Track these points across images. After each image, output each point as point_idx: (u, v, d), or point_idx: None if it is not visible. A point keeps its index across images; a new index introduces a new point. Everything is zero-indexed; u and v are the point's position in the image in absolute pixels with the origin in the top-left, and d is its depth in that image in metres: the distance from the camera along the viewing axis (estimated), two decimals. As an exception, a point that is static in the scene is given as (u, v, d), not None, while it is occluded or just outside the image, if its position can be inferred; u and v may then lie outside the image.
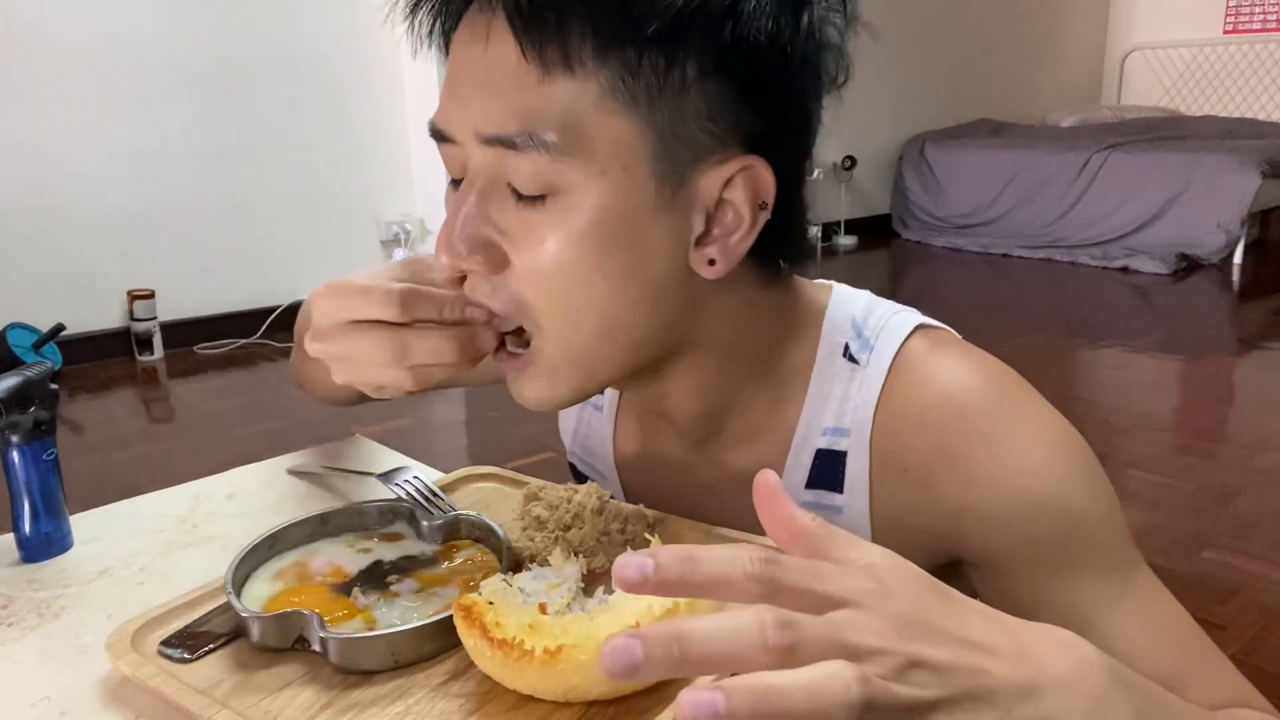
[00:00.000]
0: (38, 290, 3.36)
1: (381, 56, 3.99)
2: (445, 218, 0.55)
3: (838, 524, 0.52)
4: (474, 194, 0.53)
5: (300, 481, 0.81)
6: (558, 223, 0.52)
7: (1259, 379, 3.29)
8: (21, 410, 0.65)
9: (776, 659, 0.31)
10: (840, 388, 0.61)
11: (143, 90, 3.47)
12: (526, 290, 0.54)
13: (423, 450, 2.68)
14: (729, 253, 0.55)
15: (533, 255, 0.53)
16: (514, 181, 0.52)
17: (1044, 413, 0.58)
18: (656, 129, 0.51)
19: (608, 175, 0.51)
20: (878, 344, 0.61)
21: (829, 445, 0.62)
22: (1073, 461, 0.57)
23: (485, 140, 0.52)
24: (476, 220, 0.53)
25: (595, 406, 0.77)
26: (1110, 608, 0.55)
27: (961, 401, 0.58)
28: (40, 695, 0.53)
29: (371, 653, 0.52)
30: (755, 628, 0.31)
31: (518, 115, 0.50)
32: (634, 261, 0.53)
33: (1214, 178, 4.70)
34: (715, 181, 0.53)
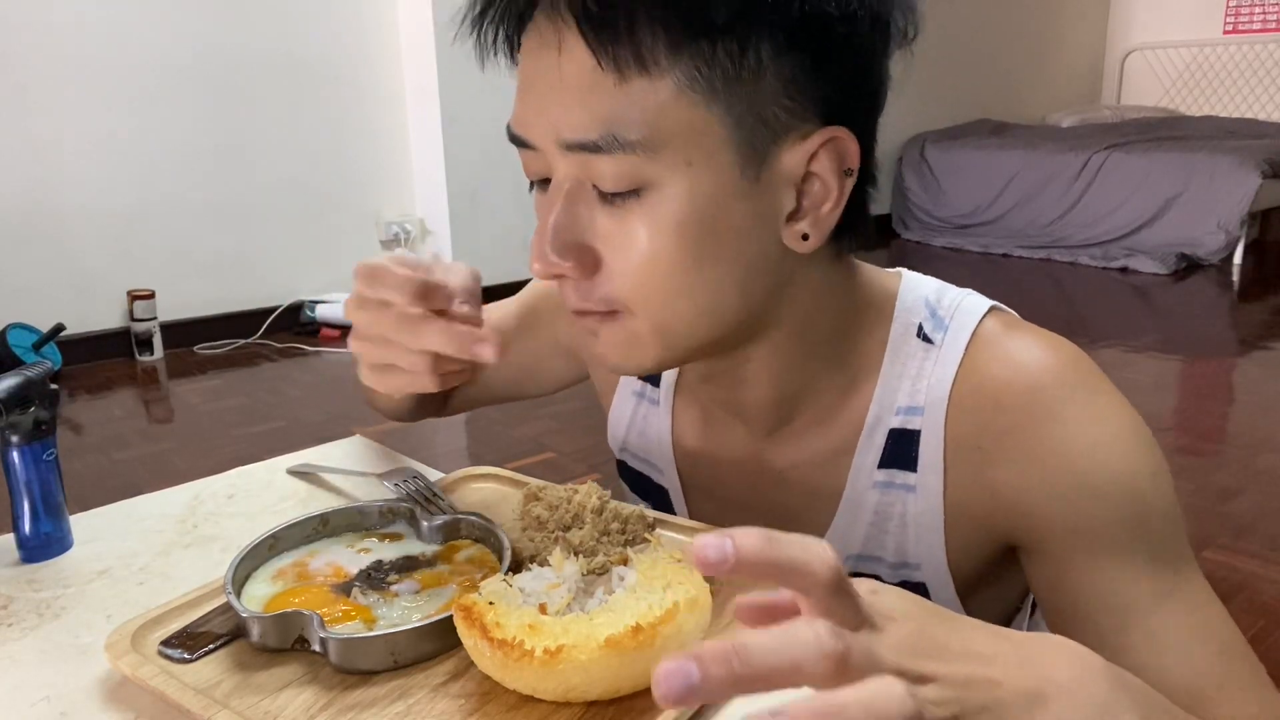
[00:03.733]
0: (38, 290, 3.35)
1: (381, 56, 3.99)
2: (539, 224, 0.56)
3: (910, 503, 0.59)
4: (561, 199, 0.54)
5: (300, 481, 0.81)
6: (649, 217, 0.53)
7: (1259, 379, 3.29)
8: (21, 410, 0.65)
9: (833, 665, 0.31)
10: (914, 367, 0.61)
11: (143, 90, 3.47)
12: (621, 288, 0.55)
13: (423, 450, 2.68)
14: (821, 224, 0.56)
15: (627, 252, 0.54)
16: (600, 183, 0.53)
17: (1117, 400, 0.58)
18: (735, 114, 0.52)
19: (693, 165, 0.52)
20: (952, 324, 0.61)
21: (903, 424, 0.61)
22: (1142, 451, 0.57)
23: (568, 147, 0.53)
24: (567, 225, 0.54)
25: (651, 401, 0.76)
26: (1155, 603, 0.54)
27: (1039, 381, 0.57)
28: (40, 695, 0.53)
29: (371, 653, 0.52)
30: (813, 635, 0.31)
31: (598, 121, 0.51)
32: (725, 246, 0.54)
33: (1214, 178, 4.69)
34: (800, 156, 0.54)
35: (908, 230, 5.68)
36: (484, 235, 4.13)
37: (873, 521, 0.62)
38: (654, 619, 0.47)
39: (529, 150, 0.56)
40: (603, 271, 0.55)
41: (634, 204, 0.53)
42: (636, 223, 0.53)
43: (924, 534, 0.60)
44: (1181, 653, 0.54)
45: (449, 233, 4.05)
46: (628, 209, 0.53)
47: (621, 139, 0.51)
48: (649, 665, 0.47)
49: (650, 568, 0.52)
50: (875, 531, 0.62)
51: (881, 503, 0.62)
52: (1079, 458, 0.56)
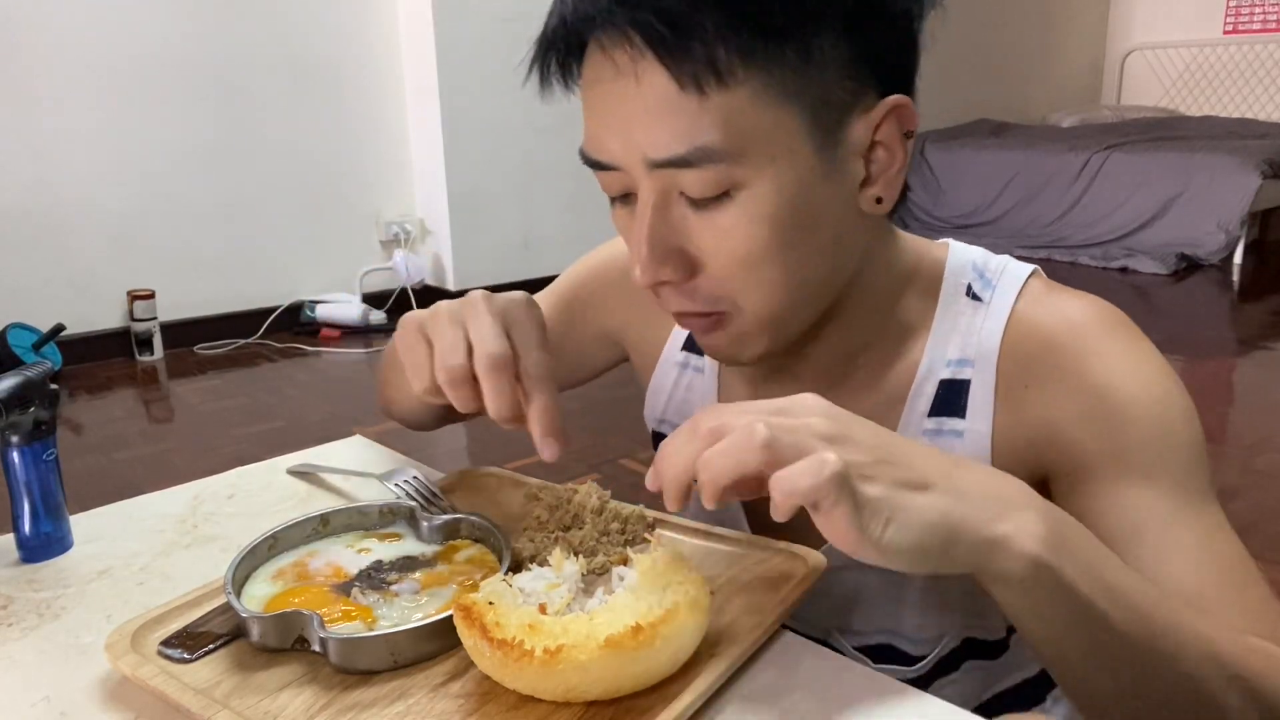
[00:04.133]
0: (38, 290, 3.35)
1: (381, 56, 3.99)
2: (634, 237, 0.59)
3: (957, 448, 0.64)
4: (650, 212, 0.57)
5: (300, 481, 0.81)
6: (741, 216, 0.56)
7: (1259, 379, 3.29)
8: (21, 410, 0.65)
9: (770, 454, 0.45)
10: (964, 322, 0.65)
11: (143, 90, 3.47)
12: (722, 287, 0.59)
13: (423, 450, 2.68)
14: (891, 185, 0.60)
15: (724, 252, 0.57)
16: (689, 191, 0.56)
17: (1152, 348, 0.63)
18: (807, 104, 0.55)
19: (776, 160, 0.55)
20: (999, 283, 0.66)
21: (953, 375, 0.65)
22: (1174, 390, 0.61)
23: (656, 165, 0.55)
24: (662, 234, 0.57)
25: (696, 369, 0.78)
26: (1170, 523, 0.57)
27: (1083, 326, 0.62)
28: (40, 695, 0.53)
29: (371, 653, 0.52)
30: (746, 432, 0.45)
31: (685, 137, 0.54)
32: (813, 228, 0.58)
33: (1214, 178, 4.69)
34: (866, 128, 0.58)
35: (908, 230, 5.66)
36: (484, 235, 4.13)
37: None
38: (654, 619, 0.47)
39: (608, 171, 0.59)
40: (702, 274, 0.59)
41: (725, 205, 0.56)
42: (729, 223, 0.56)
43: None
44: (1187, 566, 0.55)
45: (449, 233, 4.04)
46: (720, 211, 0.56)
47: (709, 151, 0.54)
48: (649, 665, 0.47)
49: (650, 568, 0.52)
50: None
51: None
52: (1116, 388, 0.60)
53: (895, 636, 0.70)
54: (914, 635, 0.69)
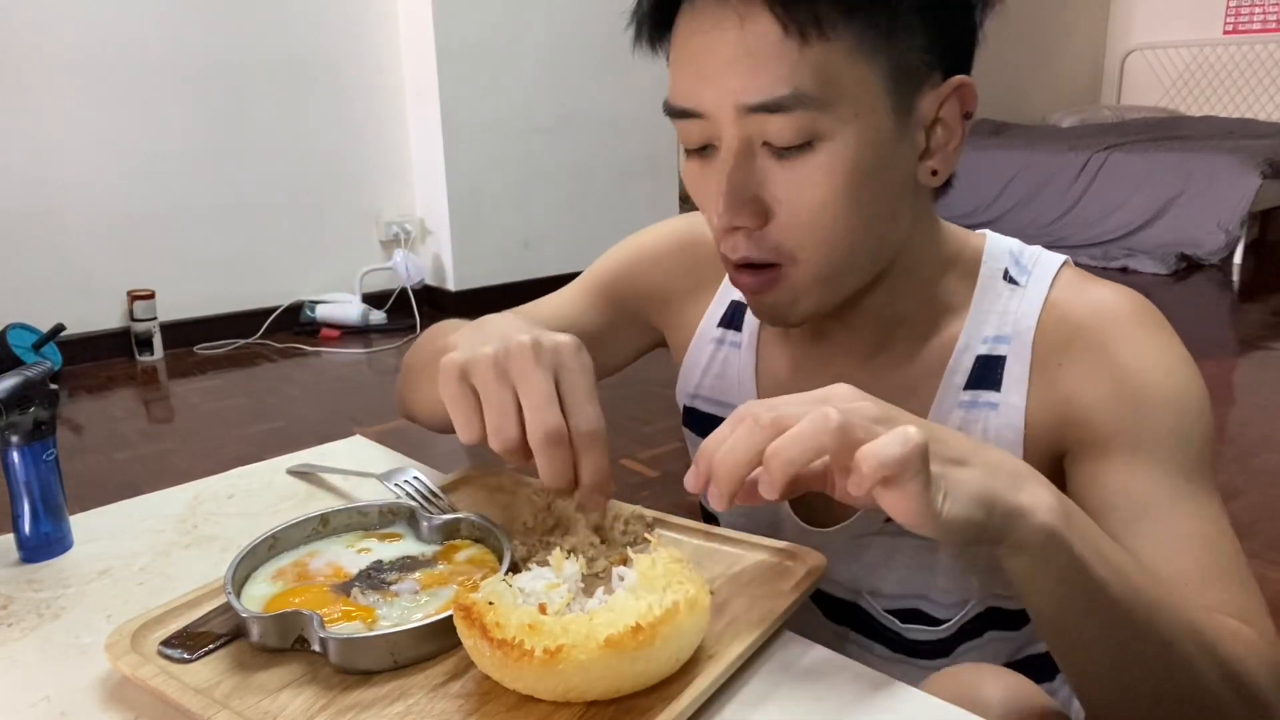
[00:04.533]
0: (38, 290, 3.35)
1: (381, 56, 3.98)
2: (712, 185, 0.63)
3: (992, 419, 0.67)
4: (733, 158, 0.61)
5: (300, 481, 0.81)
6: (822, 166, 0.60)
7: (1259, 379, 3.29)
8: (21, 410, 0.65)
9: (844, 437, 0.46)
10: (1001, 304, 0.69)
11: (142, 90, 3.47)
12: (790, 234, 0.62)
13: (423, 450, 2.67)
14: (948, 160, 0.65)
15: (798, 201, 0.61)
16: (774, 139, 0.60)
17: (1178, 341, 0.67)
18: (890, 67, 0.59)
19: (860, 117, 0.59)
20: (1035, 270, 0.70)
21: (989, 350, 0.68)
22: (1194, 383, 0.64)
23: (750, 109, 0.59)
24: (743, 181, 0.61)
25: (733, 345, 0.81)
26: (1171, 505, 0.60)
27: (1116, 313, 0.66)
28: (40, 695, 0.53)
29: (371, 653, 0.52)
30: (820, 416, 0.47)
31: (784, 81, 0.58)
32: (882, 186, 0.62)
33: (1214, 178, 4.69)
34: (933, 103, 0.63)
35: (908, 230, 5.67)
36: (484, 235, 4.13)
37: None
38: (654, 619, 0.47)
39: (693, 120, 0.62)
40: (773, 222, 0.62)
41: (807, 156, 0.60)
42: (809, 172, 0.60)
43: (1004, 447, 0.65)
44: (1180, 549, 0.58)
45: (449, 233, 4.04)
46: (800, 161, 0.60)
47: (804, 97, 0.58)
48: (649, 665, 0.47)
49: (650, 568, 0.52)
50: None
51: (965, 420, 0.68)
52: (1142, 373, 0.63)
53: (924, 600, 0.72)
54: (942, 599, 0.72)
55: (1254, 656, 0.53)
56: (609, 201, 4.42)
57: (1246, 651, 0.53)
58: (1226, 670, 0.52)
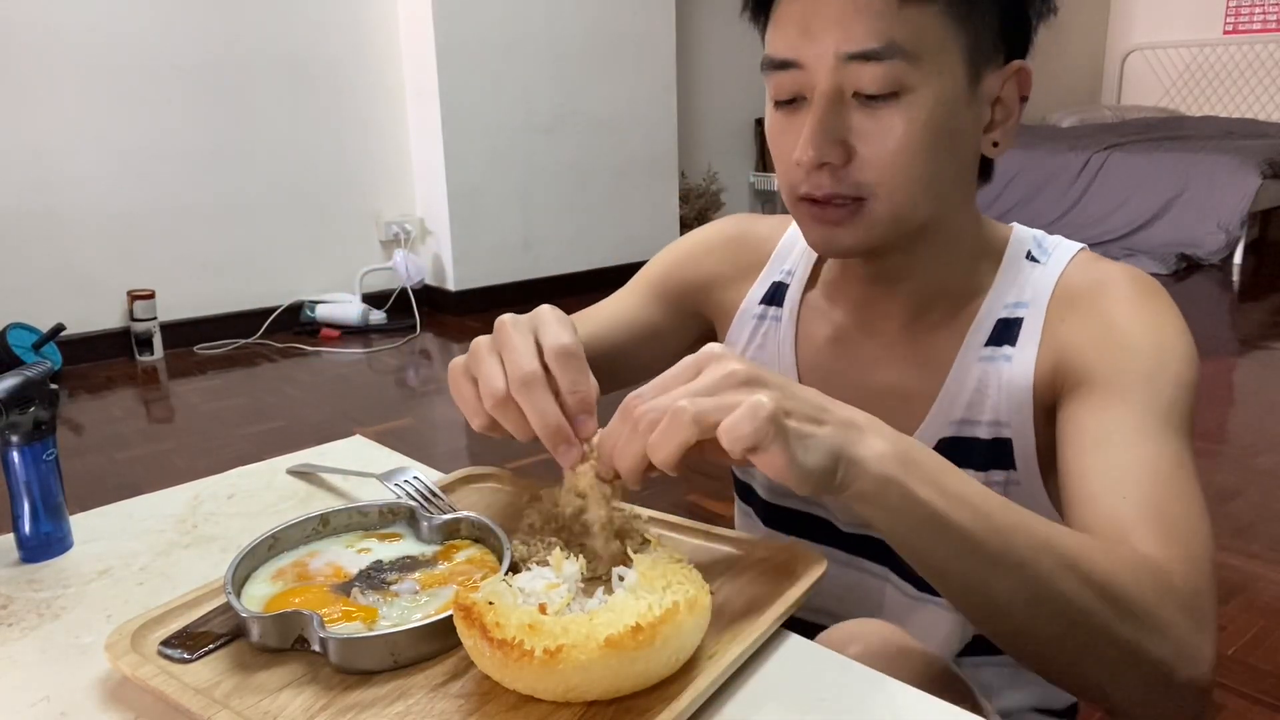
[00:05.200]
0: (38, 290, 3.35)
1: (381, 56, 3.99)
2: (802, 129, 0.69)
3: (1004, 371, 0.74)
4: (825, 103, 0.68)
5: (300, 481, 0.81)
6: (906, 114, 0.67)
7: (1259, 379, 3.29)
8: (21, 410, 0.65)
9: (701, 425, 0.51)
10: (1023, 277, 0.76)
11: (143, 90, 3.47)
12: (870, 174, 0.68)
13: (423, 450, 2.68)
14: (1007, 134, 0.73)
15: (880, 144, 0.67)
16: (865, 88, 0.67)
17: (1171, 306, 0.72)
18: (970, 38, 0.67)
19: (941, 75, 0.67)
20: (1055, 251, 0.77)
21: (1009, 314, 0.75)
22: (1179, 337, 0.69)
23: (850, 57, 0.66)
24: (831, 123, 0.68)
25: (774, 319, 0.87)
26: (1133, 438, 0.63)
27: (1117, 279, 0.72)
28: (40, 695, 0.53)
29: (371, 653, 0.52)
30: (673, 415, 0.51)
31: (882, 34, 0.65)
32: (952, 143, 0.69)
33: (1214, 178, 4.69)
34: (997, 81, 0.71)
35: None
36: (484, 235, 4.13)
37: (976, 389, 0.74)
38: (654, 619, 0.47)
39: (790, 71, 0.69)
40: (854, 162, 0.68)
41: (892, 105, 0.67)
42: (893, 119, 0.67)
43: (1015, 394, 0.73)
44: (1129, 478, 0.61)
45: (449, 233, 4.04)
46: (885, 109, 0.67)
47: (899, 48, 0.65)
48: (649, 665, 0.47)
49: (650, 568, 0.52)
50: (977, 398, 0.75)
51: (984, 373, 0.74)
52: (1129, 325, 0.69)
53: (823, 510, 0.79)
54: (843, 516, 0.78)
55: (1130, 570, 0.55)
56: (609, 201, 4.42)
57: (1120, 566, 0.55)
58: (1094, 583, 0.54)
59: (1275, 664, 1.62)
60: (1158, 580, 0.56)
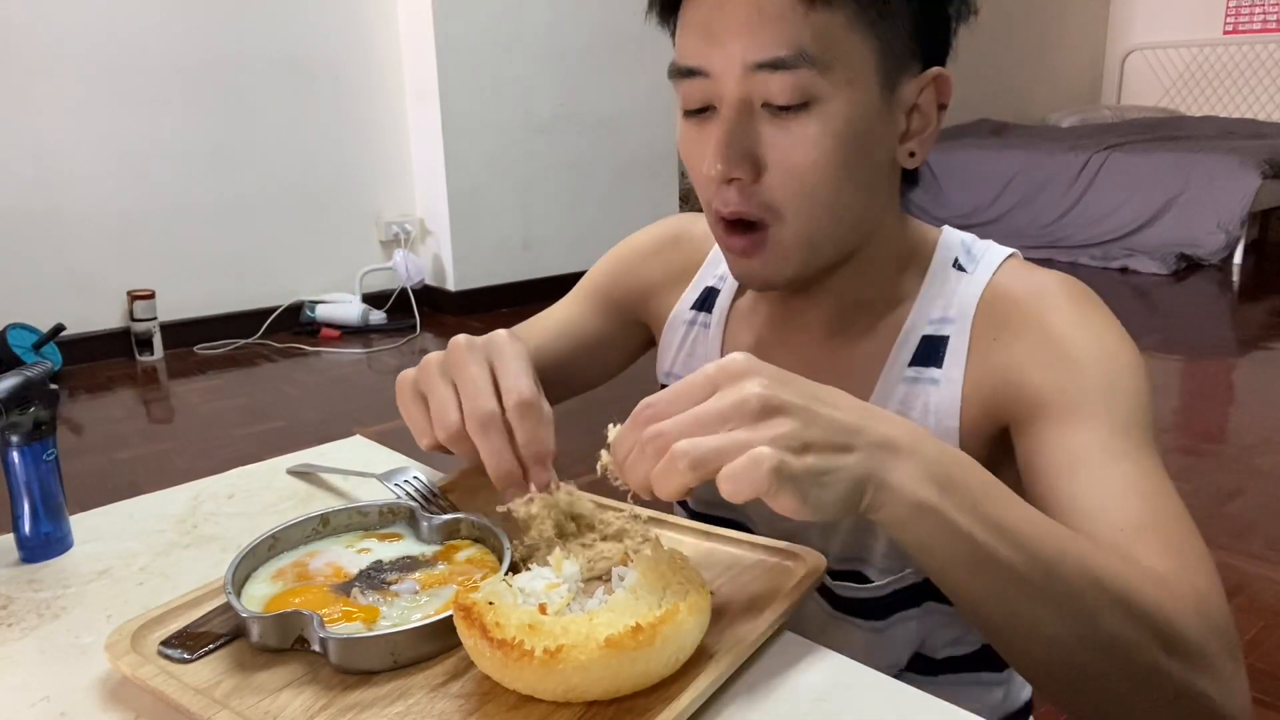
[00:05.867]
0: (38, 290, 3.36)
1: (381, 56, 3.98)
2: (709, 141, 0.66)
3: (932, 395, 0.71)
4: (734, 114, 0.65)
5: (300, 481, 0.81)
6: (816, 126, 0.64)
7: (1259, 379, 3.29)
8: (21, 410, 0.65)
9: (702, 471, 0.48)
10: (949, 288, 0.73)
11: (142, 90, 3.47)
12: (780, 189, 0.66)
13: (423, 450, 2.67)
14: (924, 144, 0.70)
15: (792, 156, 0.65)
16: (774, 98, 0.64)
17: (1109, 314, 0.69)
18: (882, 45, 0.65)
19: (853, 84, 0.64)
20: (983, 259, 0.74)
21: (934, 331, 0.72)
22: (1122, 346, 0.66)
23: (756, 66, 0.63)
24: (739, 136, 0.65)
25: (704, 325, 0.85)
26: (1105, 460, 0.60)
27: (1049, 290, 0.70)
28: (40, 695, 0.53)
29: (371, 653, 0.52)
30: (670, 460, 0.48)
31: (789, 41, 0.62)
32: (866, 156, 0.67)
33: (1214, 178, 4.69)
34: (914, 89, 0.68)
35: (908, 230, 5.67)
36: (484, 235, 4.13)
37: (899, 410, 0.71)
38: (654, 619, 0.47)
39: (697, 79, 0.66)
40: (764, 178, 0.66)
41: (802, 116, 0.64)
42: (803, 131, 0.64)
43: (943, 419, 0.70)
44: (1114, 501, 0.58)
45: (449, 233, 4.04)
46: (795, 121, 0.64)
47: (807, 55, 0.62)
48: (649, 665, 0.47)
49: (650, 568, 0.52)
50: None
51: (908, 394, 0.72)
52: (1069, 339, 0.66)
53: (864, 565, 0.75)
54: (881, 565, 0.74)
55: (1176, 602, 0.52)
56: (609, 201, 4.42)
57: (1168, 597, 0.52)
58: (1145, 617, 0.51)
59: (1274, 664, 1.62)
60: (1200, 612, 0.52)
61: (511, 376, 0.63)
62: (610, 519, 0.65)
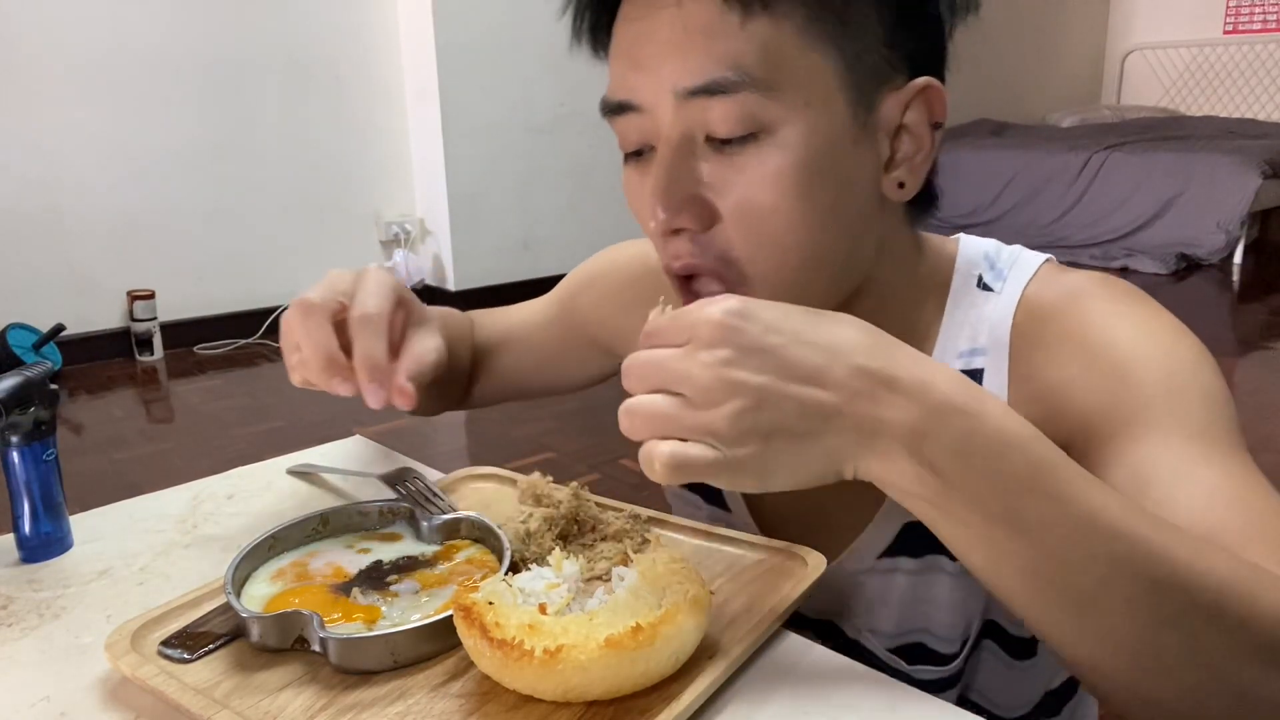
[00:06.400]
0: (38, 290, 3.36)
1: (381, 56, 3.99)
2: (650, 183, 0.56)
3: None
4: (671, 152, 0.55)
5: (300, 481, 0.81)
6: (768, 161, 0.54)
7: (1259, 379, 3.29)
8: (21, 410, 0.65)
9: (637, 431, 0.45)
10: (975, 314, 0.63)
11: (143, 90, 3.47)
12: (736, 239, 0.56)
13: (423, 450, 2.68)
14: (916, 172, 0.59)
15: (744, 198, 0.55)
16: (716, 130, 0.54)
17: (1157, 307, 0.60)
18: (847, 57, 0.54)
19: (811, 106, 0.54)
20: (1011, 273, 0.64)
21: (965, 365, 0.63)
22: (1179, 340, 0.58)
23: (691, 93, 0.53)
24: (681, 176, 0.55)
25: None
26: (1182, 470, 0.52)
27: (1085, 293, 0.61)
28: (40, 695, 0.53)
29: (371, 653, 0.52)
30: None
31: (725, 60, 0.53)
32: (839, 193, 0.56)
33: (1214, 178, 4.69)
34: (896, 106, 0.57)
35: (908, 230, 5.67)
36: (484, 235, 4.13)
37: None
38: (654, 619, 0.47)
39: (631, 115, 0.57)
40: (718, 227, 0.56)
41: (751, 149, 0.54)
42: (755, 168, 0.54)
43: None
44: (1200, 515, 0.50)
45: (449, 233, 4.04)
46: (745, 155, 0.54)
47: (747, 75, 0.52)
48: (649, 665, 0.47)
49: (650, 568, 0.52)
50: None
51: None
52: (1117, 346, 0.57)
53: (926, 635, 0.68)
54: (944, 633, 0.67)
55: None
56: (609, 201, 4.41)
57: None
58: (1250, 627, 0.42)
59: (1275, 664, 1.61)
60: None
61: (362, 293, 0.62)
62: (610, 519, 0.65)
